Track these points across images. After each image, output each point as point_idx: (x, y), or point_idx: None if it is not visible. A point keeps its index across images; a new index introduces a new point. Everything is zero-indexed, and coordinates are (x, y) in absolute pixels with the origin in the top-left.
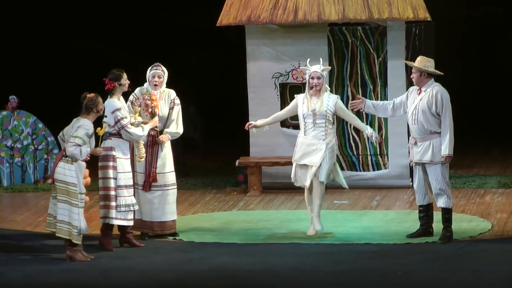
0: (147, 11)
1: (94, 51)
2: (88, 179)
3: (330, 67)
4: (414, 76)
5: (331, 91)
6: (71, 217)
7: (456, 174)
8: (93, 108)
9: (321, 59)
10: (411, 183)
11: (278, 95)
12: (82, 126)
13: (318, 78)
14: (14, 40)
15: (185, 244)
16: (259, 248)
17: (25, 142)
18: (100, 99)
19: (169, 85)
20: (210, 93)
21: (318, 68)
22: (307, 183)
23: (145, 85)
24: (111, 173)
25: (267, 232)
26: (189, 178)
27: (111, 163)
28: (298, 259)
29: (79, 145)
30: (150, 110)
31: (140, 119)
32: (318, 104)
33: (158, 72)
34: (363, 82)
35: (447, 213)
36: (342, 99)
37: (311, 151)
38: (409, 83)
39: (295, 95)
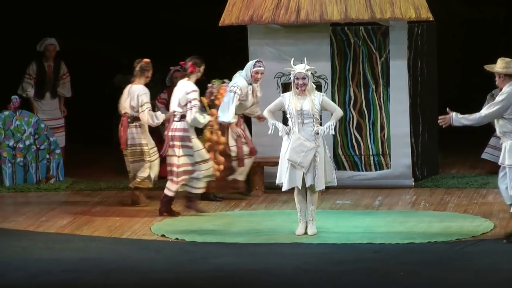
0: (148, 11)
1: (95, 52)
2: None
3: (314, 68)
4: (496, 79)
5: (333, 91)
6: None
7: (459, 174)
8: (146, 72)
9: (305, 58)
10: (413, 183)
11: (280, 94)
12: (141, 93)
13: (303, 78)
14: (16, 40)
15: (187, 244)
16: (261, 248)
17: (27, 142)
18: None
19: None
20: None
21: (302, 68)
22: (300, 185)
23: (239, 78)
24: (190, 151)
25: (269, 232)
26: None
27: (189, 143)
28: (300, 259)
29: (148, 107)
30: (211, 98)
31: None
32: (304, 104)
33: (262, 69)
34: (366, 82)
35: None
36: (344, 99)
37: (301, 152)
38: (412, 83)
39: (280, 94)
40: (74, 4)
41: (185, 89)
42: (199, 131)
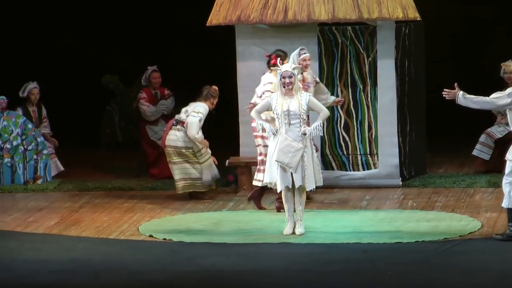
0: (137, 10)
1: (84, 51)
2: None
3: (301, 66)
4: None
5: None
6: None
7: (446, 174)
8: (211, 98)
9: (291, 57)
10: (400, 183)
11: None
12: (200, 105)
13: (290, 77)
14: (4, 39)
15: (175, 244)
16: (249, 248)
17: (14, 143)
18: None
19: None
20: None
21: (289, 67)
22: (290, 185)
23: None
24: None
25: (257, 232)
26: None
27: (265, 134)
28: (289, 259)
29: (199, 117)
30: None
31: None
32: (291, 104)
33: (308, 56)
34: (353, 82)
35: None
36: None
37: (289, 153)
38: (399, 83)
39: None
40: (65, 4)
41: (263, 81)
42: None
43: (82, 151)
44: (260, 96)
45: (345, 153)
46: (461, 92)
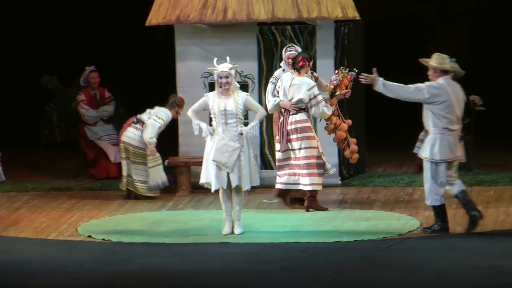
0: (76, 10)
1: (22, 51)
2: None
3: (238, 66)
4: (429, 73)
5: (260, 91)
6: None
7: (385, 173)
8: (176, 107)
9: (228, 57)
10: (340, 182)
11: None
12: (164, 111)
13: (226, 77)
14: None
15: (114, 244)
16: (189, 248)
17: None
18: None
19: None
20: (139, 93)
21: (225, 67)
22: (225, 185)
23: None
24: (314, 142)
25: (196, 232)
26: (118, 179)
27: (311, 133)
28: (228, 258)
29: (159, 124)
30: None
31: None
32: (228, 104)
33: (293, 54)
34: None
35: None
36: None
37: (226, 153)
38: None
39: (204, 94)
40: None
41: (306, 86)
42: None
43: (21, 151)
44: (309, 101)
45: None
46: (381, 79)
